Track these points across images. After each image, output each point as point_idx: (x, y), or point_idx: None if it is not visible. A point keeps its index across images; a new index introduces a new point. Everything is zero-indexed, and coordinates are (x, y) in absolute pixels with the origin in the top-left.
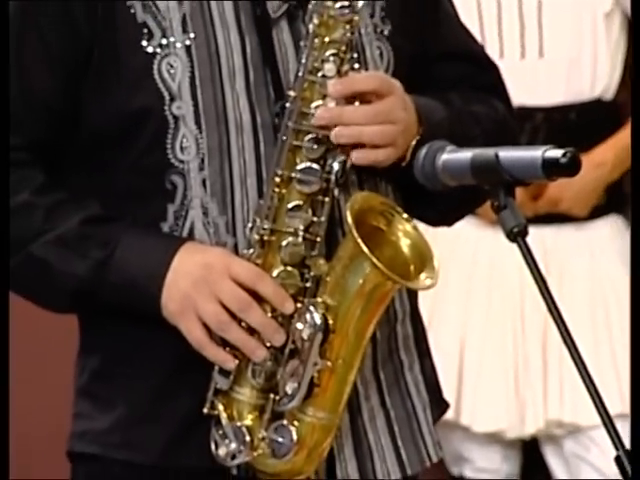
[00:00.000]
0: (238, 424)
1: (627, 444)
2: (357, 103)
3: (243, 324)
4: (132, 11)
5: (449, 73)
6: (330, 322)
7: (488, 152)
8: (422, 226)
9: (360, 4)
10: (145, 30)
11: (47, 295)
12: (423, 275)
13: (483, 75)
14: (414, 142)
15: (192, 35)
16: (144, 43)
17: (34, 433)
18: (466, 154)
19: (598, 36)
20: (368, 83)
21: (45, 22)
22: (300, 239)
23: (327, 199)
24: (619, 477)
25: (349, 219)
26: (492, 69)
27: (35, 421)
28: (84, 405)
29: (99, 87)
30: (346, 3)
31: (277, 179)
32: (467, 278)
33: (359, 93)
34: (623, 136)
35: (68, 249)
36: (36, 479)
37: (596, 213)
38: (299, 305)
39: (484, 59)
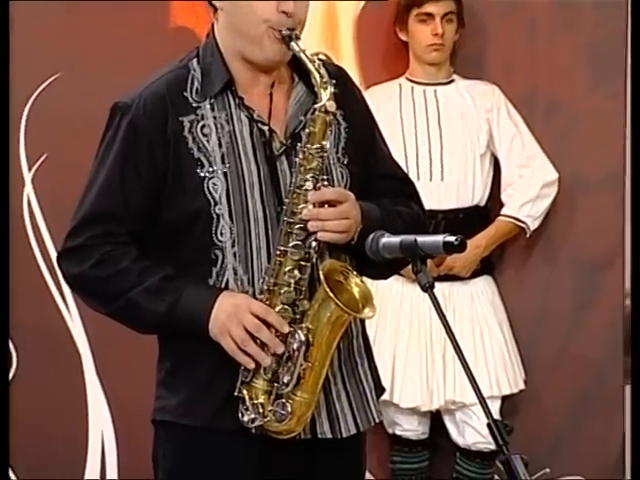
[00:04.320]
0: (255, 402)
1: (494, 415)
2: (327, 206)
3: (258, 341)
4: (191, 151)
5: (383, 187)
6: (310, 339)
7: (410, 237)
8: (368, 280)
9: (327, 146)
10: (199, 162)
11: (139, 324)
12: (367, 310)
13: (405, 188)
14: (359, 229)
15: (227, 165)
16: (198, 170)
17: (134, 409)
18: (397, 238)
19: (476, 168)
20: (333, 194)
21: (139, 161)
22: (292, 288)
23: (308, 264)
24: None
25: (322, 276)
26: (410, 184)
27: (134, 402)
28: (161, 391)
29: (171, 197)
30: (319, 146)
31: (278, 252)
32: (396, 313)
33: (327, 200)
34: (490, 229)
35: (152, 295)
36: (136, 438)
37: (474, 274)
38: (292, 328)
39: (405, 178)
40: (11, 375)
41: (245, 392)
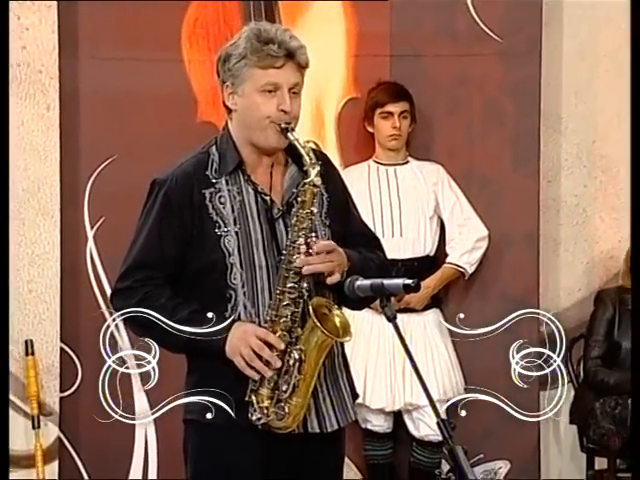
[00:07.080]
0: (261, 405)
1: (442, 415)
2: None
3: (262, 359)
4: (211, 215)
5: (357, 242)
6: (303, 357)
7: (378, 281)
8: (347, 311)
9: (315, 211)
10: (217, 224)
11: (172, 346)
12: (346, 335)
13: (373, 242)
14: (346, 269)
15: (238, 226)
16: (216, 230)
17: (171, 414)
18: (367, 281)
19: (426, 227)
20: (321, 245)
21: (172, 223)
22: (289, 319)
23: (301, 300)
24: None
25: (311, 309)
26: (377, 239)
27: (171, 408)
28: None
29: (195, 250)
30: (308, 211)
31: (278, 291)
32: (367, 337)
33: (322, 250)
34: (438, 273)
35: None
36: (172, 437)
37: (426, 308)
38: (288, 349)
39: (373, 235)
40: (76, 386)
41: (253, 398)
